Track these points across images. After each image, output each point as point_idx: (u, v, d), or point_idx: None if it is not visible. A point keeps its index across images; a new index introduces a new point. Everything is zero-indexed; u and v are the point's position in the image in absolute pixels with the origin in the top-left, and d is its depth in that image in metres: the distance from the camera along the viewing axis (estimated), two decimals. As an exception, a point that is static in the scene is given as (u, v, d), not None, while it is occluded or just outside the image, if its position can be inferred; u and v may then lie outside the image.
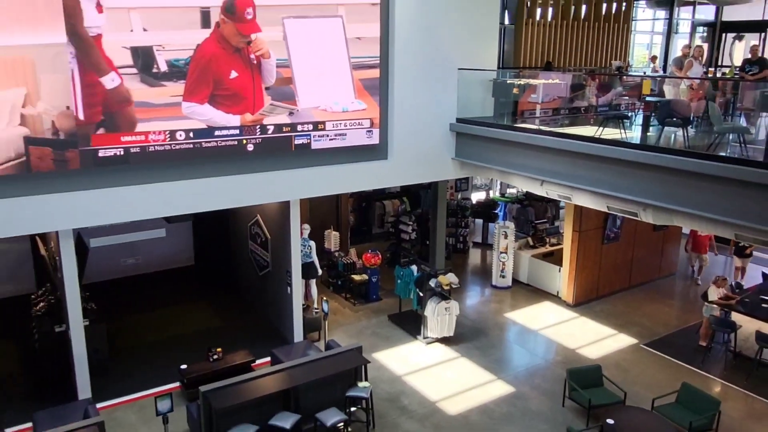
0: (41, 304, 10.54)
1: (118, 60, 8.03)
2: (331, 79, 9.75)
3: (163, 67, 8.40)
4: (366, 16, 9.84)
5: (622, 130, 9.64)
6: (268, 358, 9.67)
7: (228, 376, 8.49)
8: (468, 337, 11.41)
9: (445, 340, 11.13)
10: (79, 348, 8.76)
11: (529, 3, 16.75)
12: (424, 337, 11.15)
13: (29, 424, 7.88)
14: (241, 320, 11.92)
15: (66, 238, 8.42)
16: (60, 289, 9.30)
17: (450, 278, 11.23)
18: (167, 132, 8.53)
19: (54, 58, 7.58)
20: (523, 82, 12.49)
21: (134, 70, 8.18)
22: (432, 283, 10.99)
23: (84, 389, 8.83)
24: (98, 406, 8.24)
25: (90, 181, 8.16)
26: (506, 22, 16.69)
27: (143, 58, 8.24)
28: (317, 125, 9.80)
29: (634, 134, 9.99)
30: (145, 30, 8.17)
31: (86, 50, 7.72)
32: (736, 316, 10.79)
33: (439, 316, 10.84)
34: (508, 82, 12.02)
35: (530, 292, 13.77)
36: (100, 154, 8.14)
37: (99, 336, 9.59)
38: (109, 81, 8.00)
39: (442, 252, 12.89)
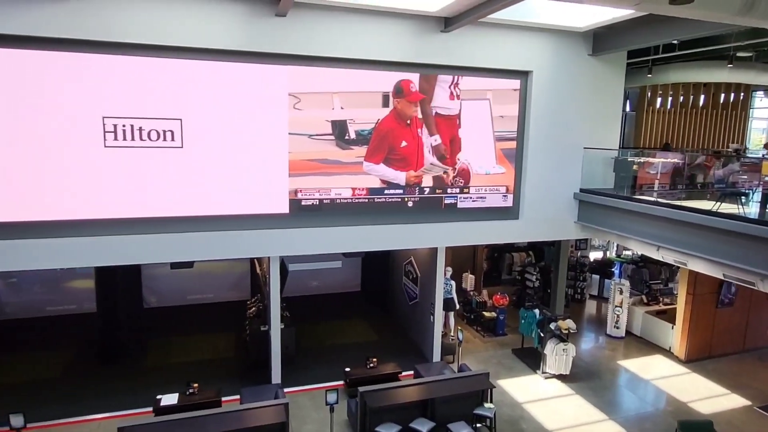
0: (253, 308, 11.46)
1: (322, 129, 8.78)
2: (478, 148, 9.78)
3: (353, 135, 9.02)
4: (508, 99, 9.79)
5: (740, 206, 8.42)
6: (412, 372, 9.55)
7: (380, 381, 8.52)
8: (582, 377, 10.38)
9: (561, 377, 10.23)
10: (276, 344, 9.32)
11: (650, 94, 15.56)
12: (543, 372, 10.35)
13: (238, 396, 8.46)
14: (392, 338, 11.98)
15: (274, 262, 9.14)
16: (266, 299, 10.00)
17: (568, 323, 10.38)
18: (351, 188, 9.08)
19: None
20: (642, 159, 11.50)
21: (332, 137, 8.86)
22: (552, 326, 10.24)
23: (276, 376, 9.35)
24: (285, 390, 8.66)
25: (295, 221, 8.88)
26: (627, 109, 15.63)
27: (339, 128, 8.91)
28: (463, 189, 9.82)
29: (752, 210, 8.67)
30: (342, 108, 8.87)
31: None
32: None
33: (557, 355, 10.02)
34: (629, 159, 11.14)
35: (642, 344, 12.25)
36: (303, 203, 8.87)
37: (290, 337, 10.10)
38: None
39: (562, 300, 12.02)
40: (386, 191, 9.31)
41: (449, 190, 9.70)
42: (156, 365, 10.30)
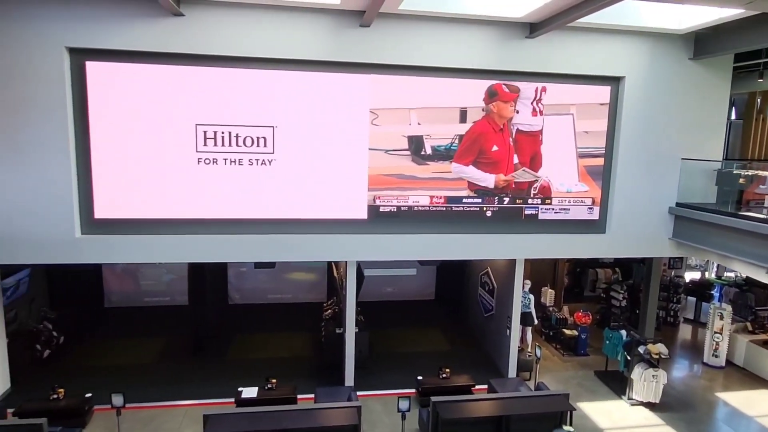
0: (329, 311, 11.74)
1: (399, 144, 8.88)
2: (560, 165, 9.40)
3: (429, 151, 9.03)
4: (594, 114, 9.32)
5: None
6: (486, 386, 9.30)
7: (452, 393, 8.38)
8: (674, 407, 9.55)
9: (649, 405, 9.47)
10: (350, 347, 9.48)
11: (760, 101, 14.10)
12: (629, 398, 9.64)
13: (312, 395, 8.68)
14: (466, 349, 11.75)
15: (352, 267, 9.33)
16: (342, 302, 10.24)
17: (659, 348, 9.60)
18: (428, 196, 9.09)
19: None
20: (751, 173, 10.42)
21: (408, 152, 8.94)
22: (641, 349, 9.53)
23: (349, 378, 9.50)
24: (357, 393, 8.75)
25: (373, 227, 9.03)
26: (733, 117, 14.27)
27: (416, 143, 8.96)
28: (545, 200, 9.47)
29: None
30: (419, 124, 8.91)
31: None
32: None
33: (646, 382, 9.30)
34: (735, 172, 10.15)
35: (746, 376, 11.05)
36: (381, 209, 9.00)
37: (363, 341, 10.22)
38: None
39: (652, 323, 11.14)
40: (464, 200, 9.20)
41: (530, 201, 9.40)
42: (237, 359, 10.86)
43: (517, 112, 9.05)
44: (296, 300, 14.44)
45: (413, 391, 9.43)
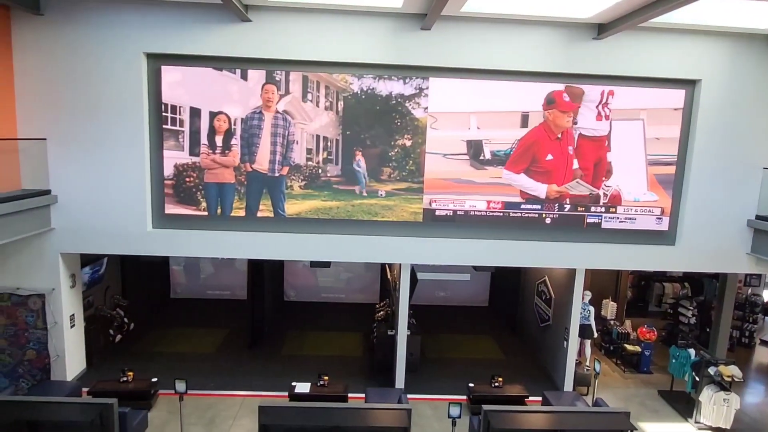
0: (381, 312, 11.83)
1: (457, 149, 8.81)
2: (628, 172, 8.99)
3: (488, 156, 8.90)
4: (666, 119, 8.84)
5: None
6: (540, 398, 9.04)
7: (504, 402, 8.21)
8: (748, 436, 8.89)
9: (719, 431, 8.85)
10: (401, 350, 9.50)
11: None
12: (696, 422, 9.04)
13: (363, 395, 8.78)
14: (518, 358, 11.47)
15: (406, 270, 9.36)
16: (395, 305, 10.30)
17: (732, 370, 8.95)
18: (486, 201, 8.96)
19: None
20: None
21: (466, 157, 8.85)
22: (712, 370, 8.91)
23: (399, 381, 9.52)
24: (408, 396, 8.76)
25: (428, 231, 9.02)
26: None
27: (475, 148, 8.86)
28: (609, 208, 9.09)
29: None
30: (478, 128, 8.81)
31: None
32: None
33: (716, 405, 8.70)
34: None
35: (834, 407, 10.08)
36: (436, 213, 8.97)
37: (415, 344, 10.21)
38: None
39: (725, 343, 10.42)
40: (523, 206, 9.00)
41: (593, 209, 9.05)
42: (291, 354, 11.15)
43: (575, 123, 8.72)
44: (349, 300, 14.65)
45: (464, 397, 9.32)
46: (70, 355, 9.29)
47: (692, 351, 9.65)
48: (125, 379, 8.70)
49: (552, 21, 8.29)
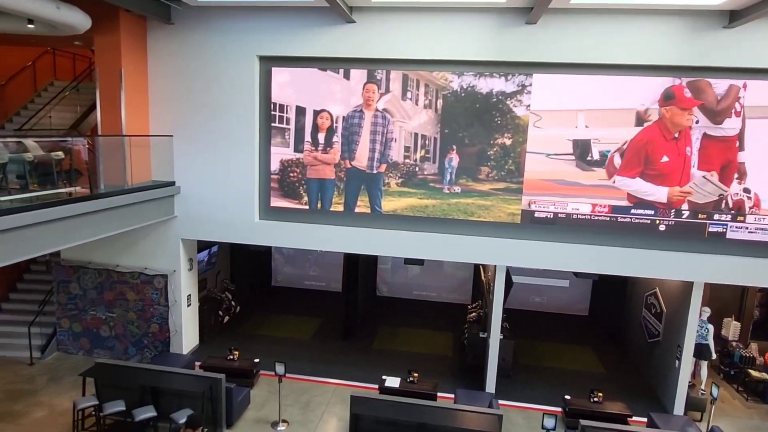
0: (473, 313, 11.74)
1: (562, 148, 8.47)
2: (764, 176, 8.07)
3: (596, 156, 8.45)
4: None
5: None
6: (645, 419, 8.45)
7: (604, 419, 7.79)
8: None
9: None
10: (493, 354, 9.38)
11: None
12: (839, 467, 7.92)
13: (452, 395, 8.82)
14: (621, 374, 10.76)
15: (501, 272, 9.19)
16: (488, 307, 10.14)
17: None
18: (591, 204, 8.53)
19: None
20: None
21: (572, 157, 8.48)
22: None
23: (490, 385, 9.41)
24: (499, 401, 8.64)
25: (526, 233, 8.80)
26: None
27: (581, 148, 8.46)
28: (737, 217, 8.21)
29: None
30: (586, 126, 8.39)
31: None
32: None
33: None
34: None
35: None
36: (536, 215, 8.72)
37: (507, 349, 10.01)
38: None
39: None
40: (633, 210, 8.44)
41: (716, 216, 8.24)
42: (382, 348, 11.47)
43: (697, 122, 7.98)
44: (440, 299, 14.70)
45: (559, 410, 8.98)
46: (186, 331, 10.37)
47: (837, 385, 8.44)
48: (231, 357, 9.53)
49: (674, 9, 7.66)
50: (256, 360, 9.67)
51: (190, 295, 10.41)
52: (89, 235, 7.61)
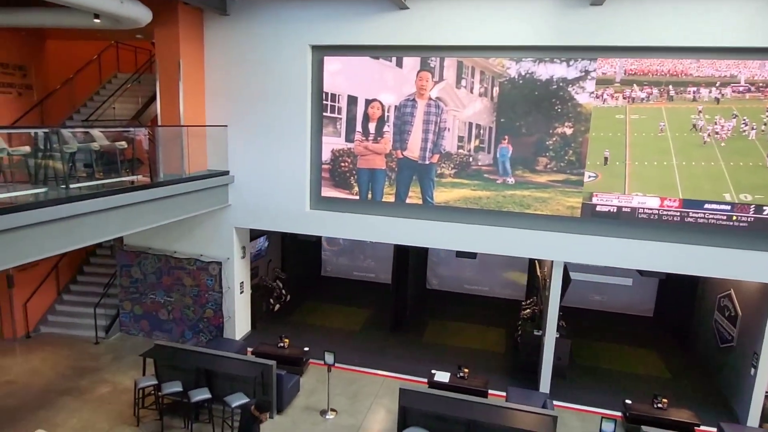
0: (527, 310, 11.40)
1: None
2: None
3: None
4: None
5: None
6: (714, 429, 7.93)
7: (668, 427, 7.39)
8: None
9: None
10: (548, 353, 9.07)
11: None
12: None
13: (504, 393, 8.61)
14: (689, 380, 10.13)
15: (558, 268, 8.85)
16: (543, 303, 9.83)
17: None
18: (659, 198, 8.03)
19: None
20: None
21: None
22: None
23: (544, 385, 9.12)
24: (554, 402, 8.35)
25: (586, 228, 8.42)
26: None
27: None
28: (829, 213, 7.49)
29: None
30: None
31: None
32: None
33: None
34: None
35: None
36: (597, 209, 8.30)
37: (563, 348, 9.67)
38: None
39: None
40: (706, 205, 7.87)
41: (805, 212, 7.55)
42: (432, 342, 11.37)
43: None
44: (492, 294, 14.40)
45: (618, 414, 8.58)
46: (239, 317, 10.69)
47: None
48: (282, 344, 9.73)
49: (762, -16, 7.01)
50: (306, 348, 9.83)
51: (242, 282, 10.71)
52: (150, 222, 7.94)
